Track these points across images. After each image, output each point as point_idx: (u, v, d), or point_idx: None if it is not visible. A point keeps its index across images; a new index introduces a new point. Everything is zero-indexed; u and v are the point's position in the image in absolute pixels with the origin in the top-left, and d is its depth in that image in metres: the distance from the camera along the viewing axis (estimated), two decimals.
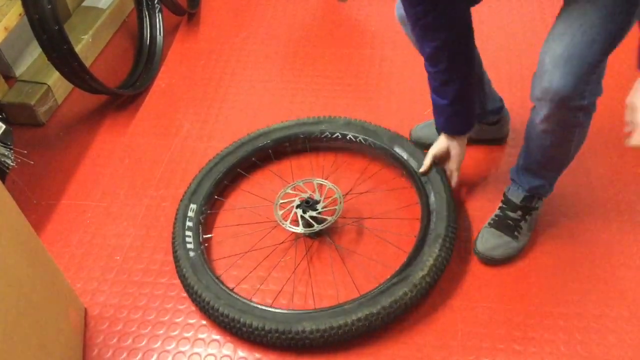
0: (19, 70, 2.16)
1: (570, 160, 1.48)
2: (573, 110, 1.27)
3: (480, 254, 1.55)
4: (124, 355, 1.43)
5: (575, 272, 1.53)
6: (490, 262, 1.55)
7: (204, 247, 1.59)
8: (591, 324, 1.42)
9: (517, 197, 1.57)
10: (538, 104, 1.30)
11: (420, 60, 1.45)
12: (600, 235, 1.60)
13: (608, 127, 1.87)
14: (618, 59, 2.09)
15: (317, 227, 1.55)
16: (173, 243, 1.57)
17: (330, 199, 1.62)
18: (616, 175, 1.75)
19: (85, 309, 1.52)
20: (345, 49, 2.32)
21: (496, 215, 1.59)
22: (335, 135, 1.80)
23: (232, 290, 1.46)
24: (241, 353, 1.42)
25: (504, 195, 1.61)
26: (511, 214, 1.56)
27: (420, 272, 1.41)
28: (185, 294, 1.53)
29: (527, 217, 1.56)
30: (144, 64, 2.30)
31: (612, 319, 1.43)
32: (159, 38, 2.38)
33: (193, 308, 1.51)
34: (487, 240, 1.55)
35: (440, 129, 1.57)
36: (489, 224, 1.58)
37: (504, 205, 1.59)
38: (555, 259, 1.56)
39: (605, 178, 1.75)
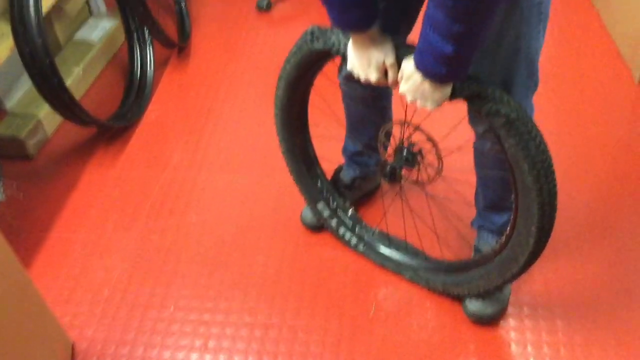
0: (10, 103, 2.17)
1: None
2: None
3: (473, 315, 1.48)
4: None
5: (561, 303, 1.54)
6: (485, 320, 1.49)
7: None
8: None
9: (489, 246, 1.51)
10: (483, 135, 1.32)
11: None
12: (585, 265, 1.61)
13: (593, 159, 1.90)
14: (597, 100, 2.14)
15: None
16: None
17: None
18: (600, 201, 1.77)
19: (73, 344, 1.51)
20: (335, 80, 2.34)
21: None
22: None
23: None
24: None
25: (475, 249, 1.57)
26: None
27: None
28: (173, 328, 1.52)
29: None
30: (134, 96, 2.32)
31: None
32: (150, 71, 2.40)
33: (181, 342, 1.50)
34: (474, 302, 1.48)
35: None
36: None
37: None
38: (542, 288, 1.57)
39: (590, 204, 1.76)
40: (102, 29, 2.48)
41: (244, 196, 1.88)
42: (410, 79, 1.11)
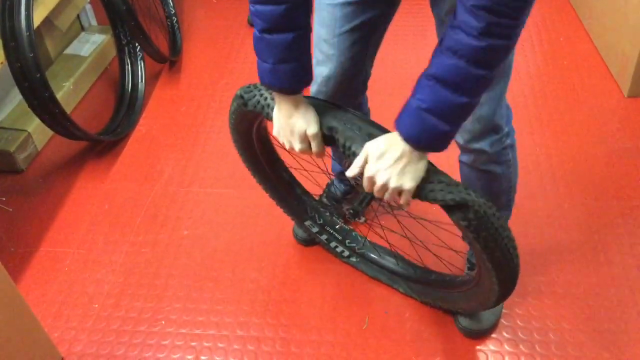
0: None
1: (514, 192, 1.46)
2: (499, 141, 1.30)
3: (465, 330, 1.49)
4: None
5: (554, 316, 1.54)
6: (474, 335, 1.50)
7: None
8: None
9: None
10: (467, 150, 1.32)
11: None
12: (578, 279, 1.62)
13: (583, 173, 1.91)
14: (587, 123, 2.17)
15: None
16: None
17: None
18: (591, 214, 1.78)
19: (62, 359, 1.49)
20: None
21: None
22: None
23: None
24: None
25: (468, 261, 1.58)
26: None
27: None
28: (164, 342, 1.51)
29: None
30: (125, 110, 2.32)
31: None
32: (141, 85, 2.40)
33: (173, 357, 1.48)
34: (466, 317, 1.49)
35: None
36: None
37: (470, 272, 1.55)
38: (535, 301, 1.57)
39: (581, 217, 1.77)
40: (93, 43, 2.48)
41: (235, 210, 1.88)
42: (383, 156, 1.02)
